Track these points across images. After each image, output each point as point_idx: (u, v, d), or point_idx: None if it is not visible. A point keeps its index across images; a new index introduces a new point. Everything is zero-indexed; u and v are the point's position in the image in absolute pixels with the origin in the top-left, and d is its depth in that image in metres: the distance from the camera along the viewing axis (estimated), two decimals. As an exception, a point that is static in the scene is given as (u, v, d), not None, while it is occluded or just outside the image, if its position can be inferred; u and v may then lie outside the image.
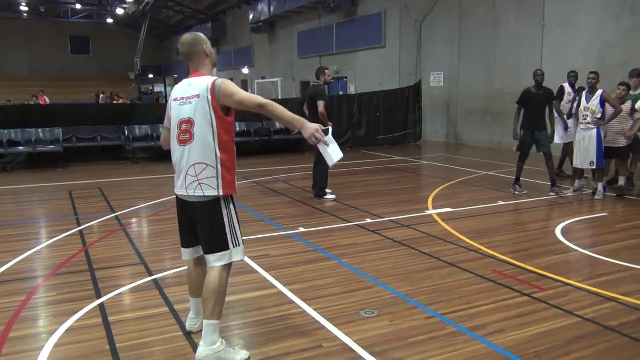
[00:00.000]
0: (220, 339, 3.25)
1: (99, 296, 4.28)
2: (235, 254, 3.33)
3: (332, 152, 3.25)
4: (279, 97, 22.08)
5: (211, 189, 3.20)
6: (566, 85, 9.43)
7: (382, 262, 5.09)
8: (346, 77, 21.52)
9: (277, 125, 14.21)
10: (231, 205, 3.33)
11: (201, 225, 3.29)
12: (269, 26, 27.01)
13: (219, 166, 3.19)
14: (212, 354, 3.18)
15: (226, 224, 3.29)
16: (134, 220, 7.08)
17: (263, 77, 27.63)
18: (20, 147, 11.87)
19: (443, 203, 7.70)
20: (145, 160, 12.75)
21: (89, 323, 3.80)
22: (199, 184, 3.19)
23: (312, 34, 23.42)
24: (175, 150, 3.29)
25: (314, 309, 3.98)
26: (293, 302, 4.14)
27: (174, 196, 3.45)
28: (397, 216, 6.91)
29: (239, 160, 3.62)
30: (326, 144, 3.21)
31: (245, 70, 30.81)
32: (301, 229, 6.32)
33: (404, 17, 17.77)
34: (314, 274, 4.80)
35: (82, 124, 12.63)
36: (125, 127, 12.83)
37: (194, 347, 3.43)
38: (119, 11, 34.95)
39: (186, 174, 3.22)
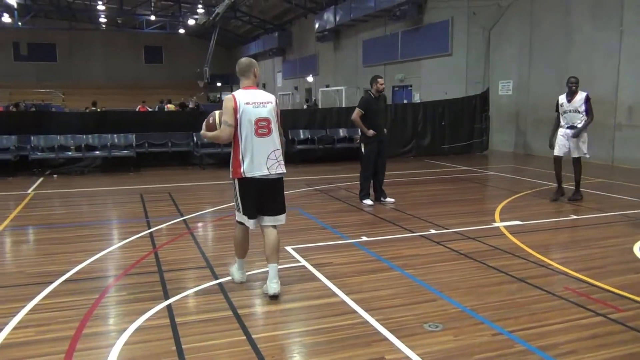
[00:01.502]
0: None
1: (167, 297, 4.42)
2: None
3: None
4: (343, 106, 22.17)
5: (284, 167, 4.51)
6: (561, 97, 8.40)
7: (447, 275, 4.97)
8: (411, 86, 21.32)
9: (341, 133, 14.25)
10: None
11: (277, 194, 4.51)
12: (334, 35, 27.21)
13: (282, 151, 4.52)
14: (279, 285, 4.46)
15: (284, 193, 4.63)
16: (200, 224, 7.28)
17: (327, 86, 27.83)
18: (97, 152, 12.50)
19: (511, 215, 7.45)
20: (212, 166, 13.10)
21: (158, 323, 3.92)
22: (279, 164, 4.46)
23: (377, 42, 23.38)
24: (252, 142, 4.35)
25: (377, 320, 3.93)
26: (355, 311, 4.11)
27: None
28: (463, 228, 6.74)
29: (302, 167, 4.67)
30: None
31: (310, 79, 31.14)
32: (364, 238, 6.28)
33: (472, 25, 17.42)
34: (377, 284, 4.75)
35: (154, 130, 13.15)
36: (194, 133, 13.23)
37: (257, 352, 3.46)
38: (191, 22, 36.25)
39: (268, 158, 4.38)
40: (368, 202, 8.40)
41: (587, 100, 8.19)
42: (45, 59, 42.60)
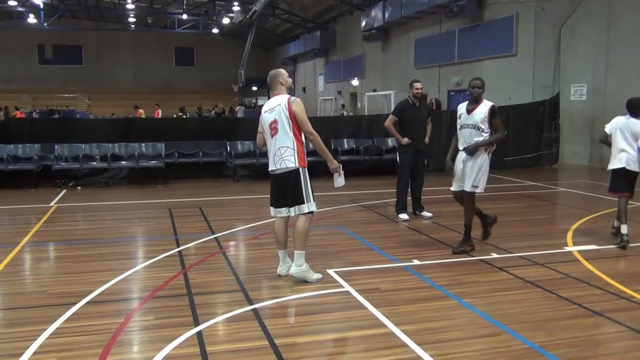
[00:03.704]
0: (305, 263, 5.44)
1: (197, 324, 4.46)
2: (309, 207, 5.44)
3: (338, 181, 5.68)
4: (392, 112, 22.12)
5: (291, 163, 5.38)
6: (461, 106, 6.81)
7: (512, 306, 4.86)
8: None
9: (390, 143, 14.19)
10: (305, 174, 5.44)
11: (286, 187, 5.43)
12: (383, 34, 27.24)
13: (295, 148, 5.40)
14: (299, 271, 5.40)
15: (302, 186, 5.39)
16: (233, 243, 7.35)
17: (374, 90, 27.83)
18: (123, 162, 12.83)
19: (586, 239, 7.23)
20: (246, 178, 13.24)
21: (187, 352, 3.96)
22: (283, 160, 5.40)
23: (431, 41, 23.28)
24: (268, 143, 5.54)
25: (431, 355, 3.86)
26: (406, 345, 4.05)
27: (274, 219, 5.74)
28: (529, 252, 6.59)
29: (346, 180, 5.67)
30: (339, 175, 5.66)
31: (355, 82, 31.21)
32: (415, 262, 6.22)
33: (540, 21, 17.14)
34: (431, 314, 4.69)
35: (185, 139, 13.41)
36: (227, 142, 13.43)
37: (296, 388, 3.45)
38: (225, 21, 36.97)
39: (274, 155, 5.44)
40: (404, 216, 8.55)
41: (493, 113, 6.47)
42: (70, 61, 44.27)
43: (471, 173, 6.46)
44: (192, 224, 8.44)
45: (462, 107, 6.70)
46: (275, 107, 5.47)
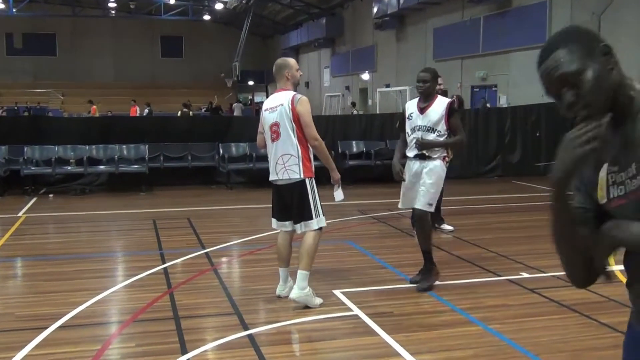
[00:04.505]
0: (309, 287, 5.26)
1: (184, 351, 4.46)
2: (319, 222, 5.34)
3: (338, 193, 5.65)
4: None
5: (295, 173, 5.27)
6: (410, 103, 6.33)
7: (545, 333, 4.84)
8: (496, 86, 21.12)
9: (405, 146, 14.19)
10: (312, 185, 5.35)
11: (291, 200, 5.37)
12: (398, 21, 27.31)
13: (300, 156, 5.27)
14: (301, 295, 5.20)
15: (310, 199, 5.28)
16: (226, 259, 7.36)
17: (387, 85, 27.87)
18: (102, 167, 12.85)
19: (630, 256, 7.20)
20: (241, 185, 13.24)
21: (172, 384, 3.96)
22: (286, 170, 5.30)
23: (452, 30, 23.33)
24: (269, 148, 5.46)
25: (452, 390, 3.86)
26: (423, 377, 4.05)
27: (273, 232, 5.75)
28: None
29: (354, 188, 5.64)
30: (339, 187, 5.62)
31: (365, 76, 31.25)
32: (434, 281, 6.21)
33: (577, 8, 17.17)
34: (452, 342, 4.67)
35: (172, 140, 13.42)
36: (220, 144, 13.44)
37: None
38: (218, 6, 37.09)
39: (276, 163, 5.35)
40: (447, 227, 8.63)
41: (451, 111, 6.00)
42: (43, 52, 44.41)
43: (426, 188, 5.89)
44: (180, 238, 8.45)
45: (411, 106, 6.19)
46: (277, 107, 5.31)
